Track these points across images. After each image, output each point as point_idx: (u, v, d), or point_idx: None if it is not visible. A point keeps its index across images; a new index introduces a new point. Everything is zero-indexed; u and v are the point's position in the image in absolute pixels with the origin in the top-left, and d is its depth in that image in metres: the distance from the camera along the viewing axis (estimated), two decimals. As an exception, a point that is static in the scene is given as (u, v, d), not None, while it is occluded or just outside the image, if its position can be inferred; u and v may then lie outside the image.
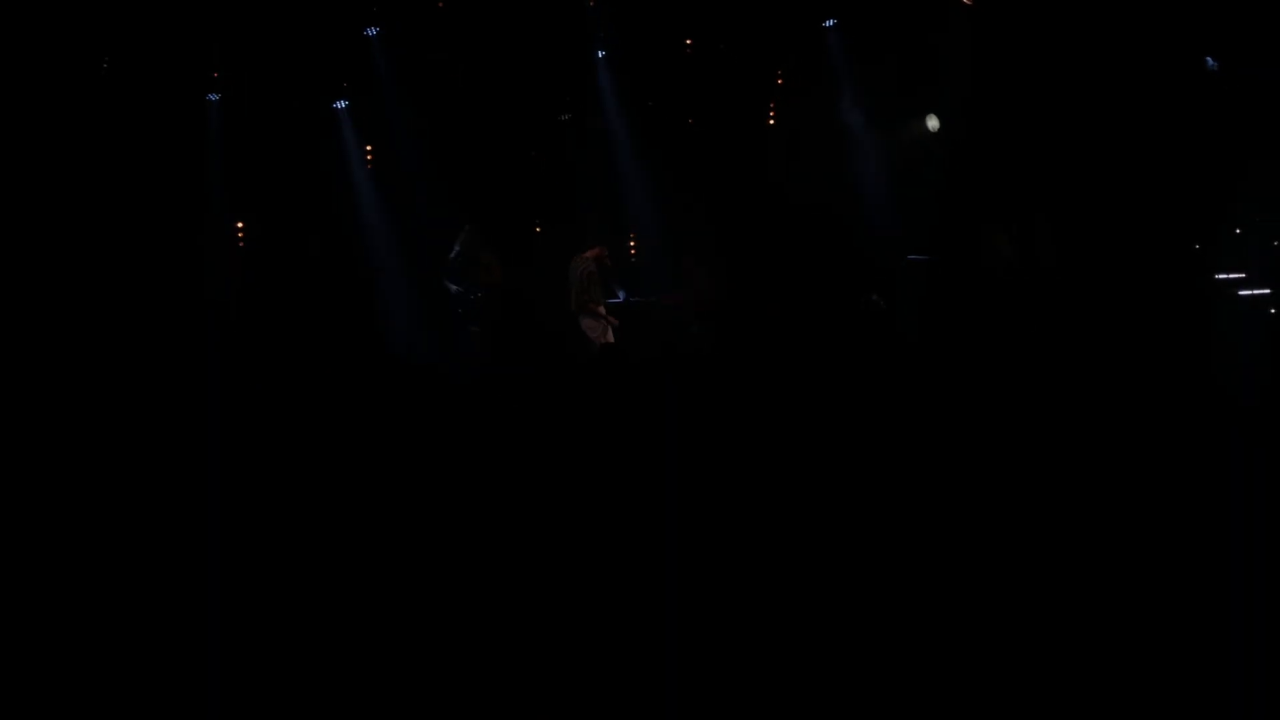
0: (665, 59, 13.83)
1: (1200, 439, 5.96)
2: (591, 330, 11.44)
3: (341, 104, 13.42)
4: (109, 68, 11.93)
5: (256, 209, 13.01)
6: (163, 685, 3.96)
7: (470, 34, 13.14)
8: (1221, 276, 13.25)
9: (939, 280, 12.84)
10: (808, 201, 13.37)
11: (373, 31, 13.16)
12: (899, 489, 5.64)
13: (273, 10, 12.14)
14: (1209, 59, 13.02)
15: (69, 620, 4.41)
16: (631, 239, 14.61)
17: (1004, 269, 12.56)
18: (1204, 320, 11.35)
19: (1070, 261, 12.90)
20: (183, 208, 12.13)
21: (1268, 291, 12.92)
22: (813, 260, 13.15)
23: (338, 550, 4.97)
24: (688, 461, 5.59)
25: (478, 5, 13.06)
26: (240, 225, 13.08)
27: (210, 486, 5.44)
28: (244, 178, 12.75)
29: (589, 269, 11.49)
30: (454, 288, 12.06)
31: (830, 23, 13.93)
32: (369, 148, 13.68)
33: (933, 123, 14.01)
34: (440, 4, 13.14)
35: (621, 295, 14.16)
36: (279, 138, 12.65)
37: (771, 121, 14.23)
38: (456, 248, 12.03)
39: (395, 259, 13.51)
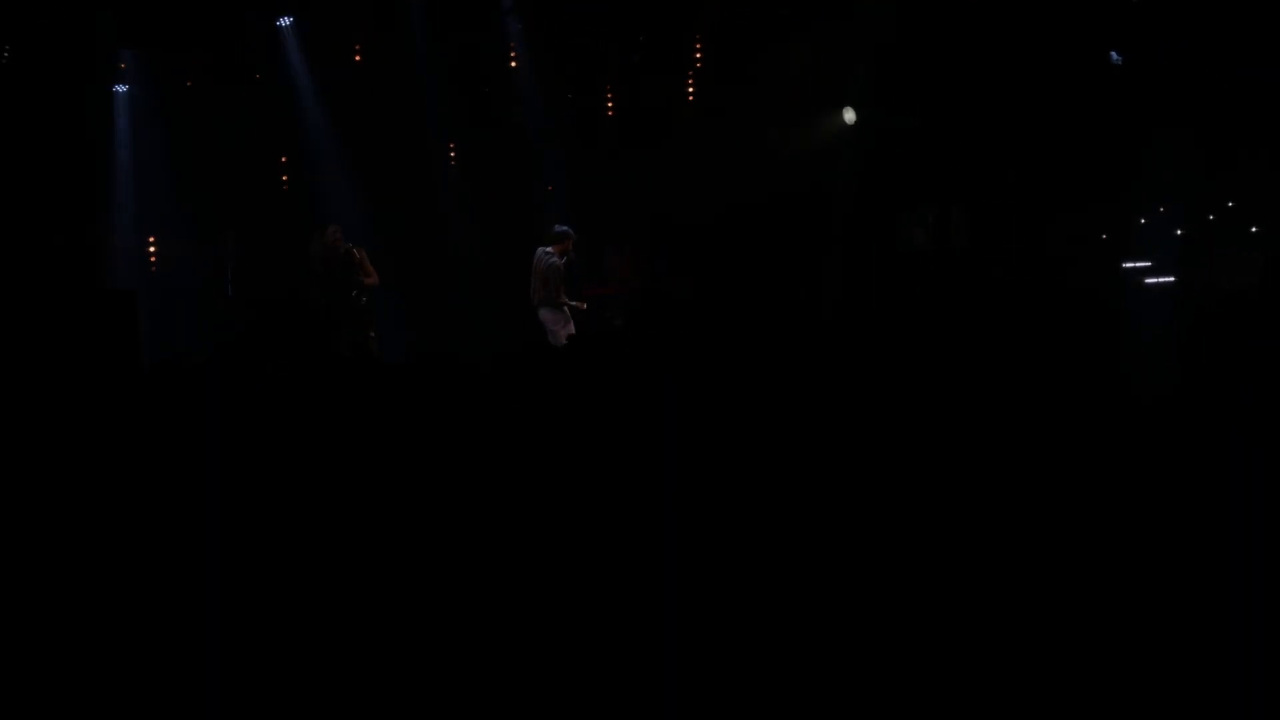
0: (584, 52, 13.85)
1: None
2: (553, 323, 11.35)
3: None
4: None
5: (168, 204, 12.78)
6: (161, 685, 3.87)
7: (388, 27, 13.04)
8: (1128, 265, 13.64)
9: (855, 268, 13.02)
10: (730, 192, 13.48)
11: (285, 22, 13.00)
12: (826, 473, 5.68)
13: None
14: (1113, 53, 13.38)
15: (68, 620, 4.30)
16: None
17: (919, 256, 12.78)
18: (1113, 307, 11.64)
19: (983, 249, 13.17)
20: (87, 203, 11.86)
21: (1171, 279, 13.33)
22: (734, 248, 13.25)
23: (336, 545, 4.88)
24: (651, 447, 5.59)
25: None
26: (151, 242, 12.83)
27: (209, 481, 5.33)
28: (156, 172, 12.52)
29: (554, 262, 11.36)
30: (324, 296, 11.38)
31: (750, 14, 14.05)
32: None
33: (849, 115, 14.17)
34: None
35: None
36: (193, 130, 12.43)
37: (690, 98, 14.24)
38: (320, 251, 11.44)
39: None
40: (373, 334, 11.51)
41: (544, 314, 11.33)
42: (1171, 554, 4.60)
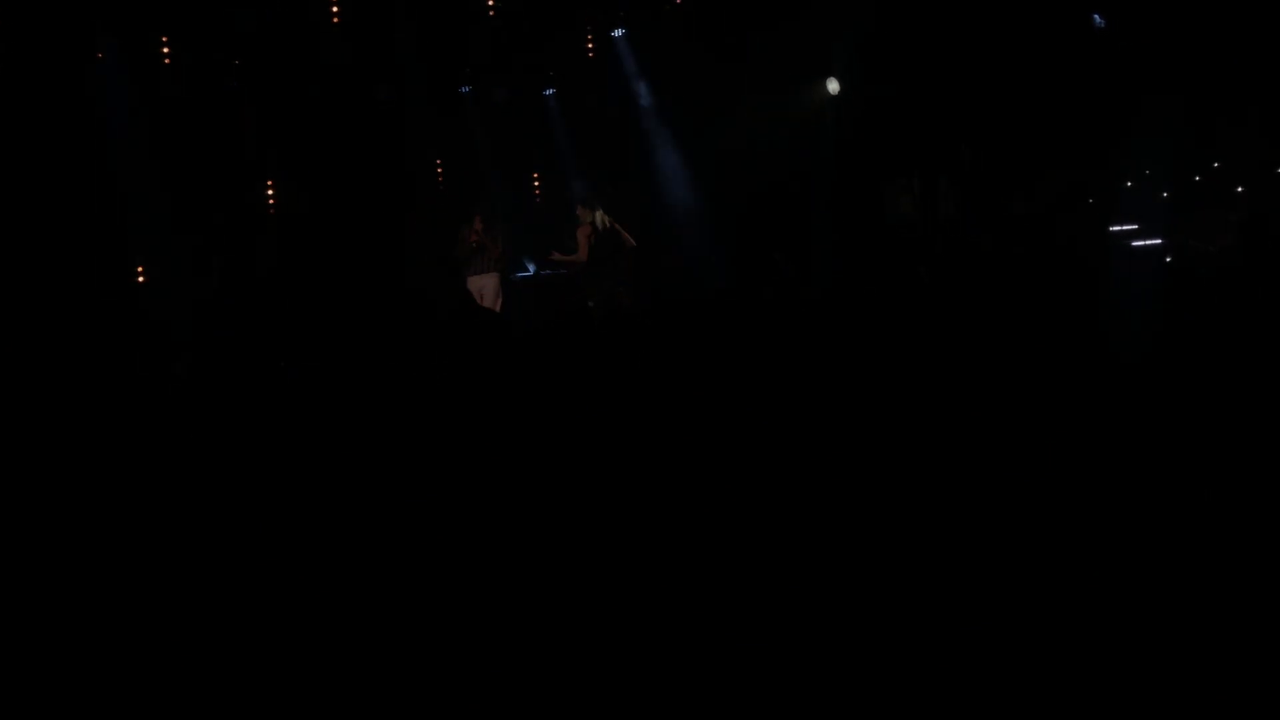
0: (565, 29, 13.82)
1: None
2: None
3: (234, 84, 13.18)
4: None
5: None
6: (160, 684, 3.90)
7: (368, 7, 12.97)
8: (1116, 228, 13.67)
9: (843, 238, 13.04)
10: (715, 164, 13.49)
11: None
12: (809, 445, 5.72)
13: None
14: (1096, 16, 13.36)
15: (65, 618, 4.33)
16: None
17: (906, 226, 12.80)
18: (1101, 269, 11.67)
19: (970, 216, 13.19)
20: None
21: (1158, 242, 13.36)
22: (720, 221, 13.28)
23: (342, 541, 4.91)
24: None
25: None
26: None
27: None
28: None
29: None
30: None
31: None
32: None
33: (833, 86, 14.16)
34: None
35: (531, 268, 14.19)
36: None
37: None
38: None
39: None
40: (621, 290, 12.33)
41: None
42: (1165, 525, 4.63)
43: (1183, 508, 4.63)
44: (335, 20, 12.48)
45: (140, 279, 12.21)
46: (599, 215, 12.43)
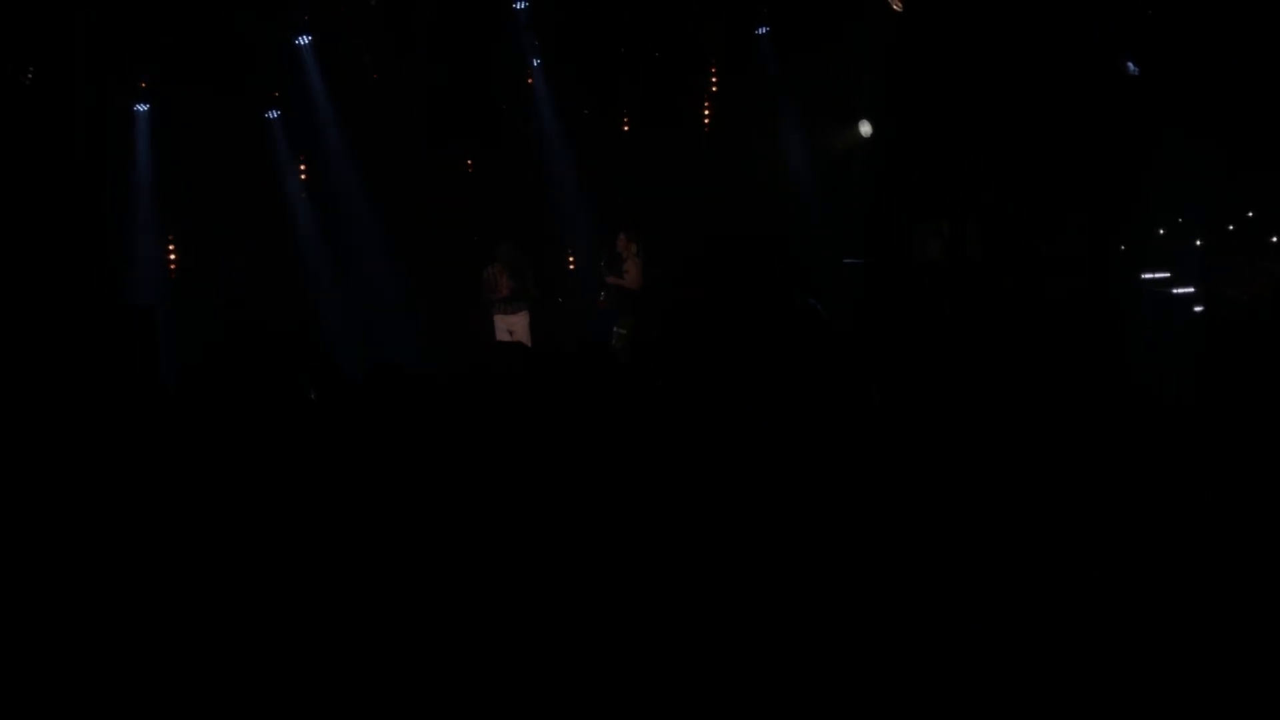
0: (599, 65, 13.91)
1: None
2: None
3: (274, 114, 13.34)
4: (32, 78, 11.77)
5: (187, 220, 12.89)
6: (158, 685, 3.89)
7: (404, 41, 13.12)
8: (1147, 275, 13.59)
9: (873, 281, 13.01)
10: (741, 208, 13.50)
11: (304, 40, 13.10)
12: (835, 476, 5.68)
13: (202, 19, 12.04)
14: (1129, 63, 13.34)
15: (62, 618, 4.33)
16: (569, 252, 14.69)
17: (934, 269, 12.77)
18: (1130, 317, 11.59)
19: (1000, 261, 13.13)
20: (105, 219, 11.95)
21: (1191, 290, 13.26)
22: (745, 264, 13.27)
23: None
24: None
25: (410, 13, 13.04)
26: (170, 238, 12.96)
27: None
28: (175, 190, 12.63)
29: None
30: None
31: (763, 30, 14.11)
32: (301, 158, 13.61)
33: (865, 128, 14.19)
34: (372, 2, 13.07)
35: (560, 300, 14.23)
36: (210, 149, 12.53)
37: (706, 124, 14.34)
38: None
39: (330, 270, 13.47)
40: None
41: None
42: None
43: (1213, 561, 4.56)
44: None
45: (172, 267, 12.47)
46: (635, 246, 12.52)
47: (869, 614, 4.27)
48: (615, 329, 12.42)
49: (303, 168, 13.62)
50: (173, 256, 13.00)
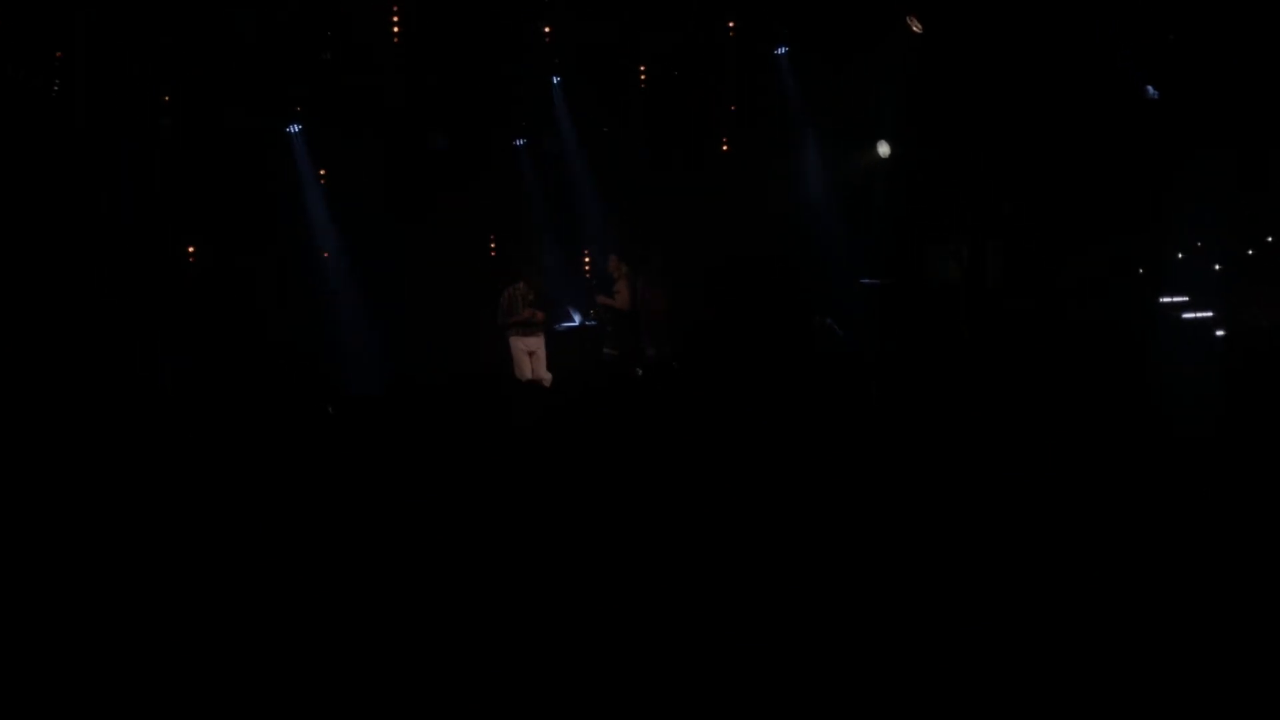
0: (619, 86, 13.96)
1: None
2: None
3: (295, 128, 13.39)
4: (59, 89, 11.83)
5: (206, 232, 12.94)
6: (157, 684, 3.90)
7: (428, 60, 13.17)
8: (1166, 299, 13.56)
9: (891, 302, 13.00)
10: (760, 228, 13.51)
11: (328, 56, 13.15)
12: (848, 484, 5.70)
13: (229, 33, 12.11)
14: (1150, 88, 13.34)
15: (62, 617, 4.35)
16: (586, 261, 14.71)
17: (952, 290, 12.76)
18: (1149, 341, 11.57)
19: (1019, 283, 13.12)
20: (128, 231, 12.00)
21: (1209, 314, 13.23)
22: (765, 286, 13.27)
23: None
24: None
25: (436, 32, 13.10)
26: (190, 249, 13.00)
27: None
28: (195, 201, 12.68)
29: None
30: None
31: (782, 50, 14.15)
32: (322, 171, 13.65)
33: (884, 149, 14.19)
34: (396, 33, 13.14)
35: (576, 318, 14.24)
36: (231, 161, 12.59)
37: (725, 145, 14.37)
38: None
39: (350, 282, 13.50)
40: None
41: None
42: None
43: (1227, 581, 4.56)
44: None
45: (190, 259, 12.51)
46: (627, 268, 12.61)
47: (869, 614, 4.30)
48: (605, 349, 12.56)
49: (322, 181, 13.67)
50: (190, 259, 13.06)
